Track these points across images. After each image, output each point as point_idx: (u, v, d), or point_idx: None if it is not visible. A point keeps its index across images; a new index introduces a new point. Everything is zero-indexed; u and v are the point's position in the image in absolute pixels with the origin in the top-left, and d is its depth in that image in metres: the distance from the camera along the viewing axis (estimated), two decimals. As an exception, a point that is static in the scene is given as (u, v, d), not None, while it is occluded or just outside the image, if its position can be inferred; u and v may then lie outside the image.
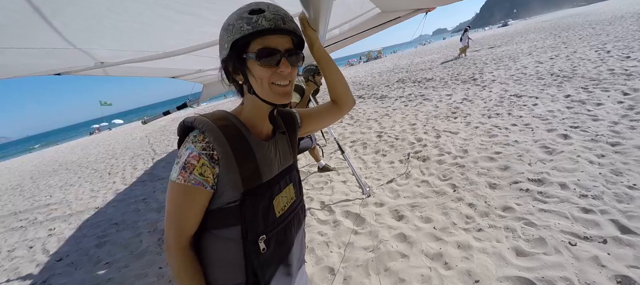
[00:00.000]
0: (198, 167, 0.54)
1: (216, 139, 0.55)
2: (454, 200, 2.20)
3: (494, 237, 1.75)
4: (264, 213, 0.61)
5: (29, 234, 3.66)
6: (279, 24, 0.54)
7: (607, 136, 2.58)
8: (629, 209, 1.69)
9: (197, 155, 0.54)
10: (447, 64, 10.04)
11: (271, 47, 0.54)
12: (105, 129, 29.21)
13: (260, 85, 0.56)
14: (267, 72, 0.55)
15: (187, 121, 0.58)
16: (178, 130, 0.60)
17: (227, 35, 0.54)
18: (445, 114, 4.43)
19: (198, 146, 0.54)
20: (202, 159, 0.54)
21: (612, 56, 5.41)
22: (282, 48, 0.56)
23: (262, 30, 0.52)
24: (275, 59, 0.55)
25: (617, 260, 1.41)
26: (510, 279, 1.44)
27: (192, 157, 0.54)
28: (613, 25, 9.58)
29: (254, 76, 0.56)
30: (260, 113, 0.63)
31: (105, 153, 9.97)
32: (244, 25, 0.52)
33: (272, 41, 0.55)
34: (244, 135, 0.59)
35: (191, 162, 0.54)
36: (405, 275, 1.61)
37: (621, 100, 3.31)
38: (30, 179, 8.14)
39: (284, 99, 0.59)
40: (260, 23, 0.52)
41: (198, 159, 0.54)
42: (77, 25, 1.07)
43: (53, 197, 5.36)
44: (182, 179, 0.54)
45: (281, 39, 0.56)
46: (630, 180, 1.94)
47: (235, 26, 0.53)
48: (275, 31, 0.54)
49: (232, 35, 0.53)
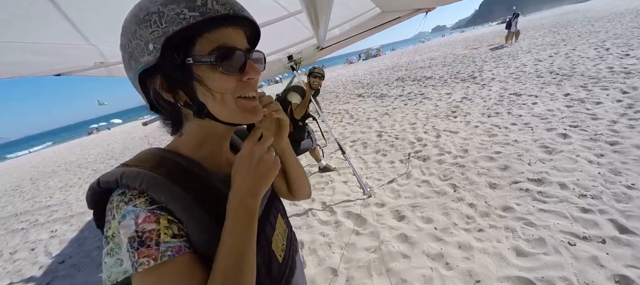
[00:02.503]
0: (162, 228, 0.35)
1: (164, 191, 0.37)
2: (454, 200, 2.21)
3: (494, 237, 1.76)
4: (266, 266, 0.47)
5: (31, 235, 3.67)
6: (237, 10, 0.38)
7: (606, 135, 2.59)
8: (628, 209, 1.71)
9: (148, 215, 0.35)
10: (447, 62, 10.04)
11: (230, 44, 0.38)
12: (103, 129, 29.16)
13: (221, 103, 0.39)
14: (231, 82, 0.39)
15: (104, 181, 0.38)
16: (90, 199, 0.39)
17: (149, 29, 0.35)
18: (445, 113, 4.44)
19: (141, 203, 0.35)
20: (160, 216, 0.36)
21: (611, 54, 5.42)
22: (242, 46, 0.40)
23: (217, 17, 0.36)
24: (239, 62, 0.39)
25: (616, 260, 1.43)
26: (511, 279, 1.45)
27: (145, 221, 0.34)
28: (612, 23, 9.59)
29: (210, 90, 0.38)
30: (217, 140, 0.46)
31: (105, 153, 9.97)
32: (184, 10, 0.34)
33: (229, 36, 0.38)
34: (201, 176, 0.43)
35: (147, 228, 0.34)
36: (407, 275, 1.63)
37: (620, 98, 3.33)
38: (29, 180, 8.13)
39: (256, 116, 0.43)
40: (213, 7, 0.35)
41: (155, 219, 0.35)
42: (94, 17, 1.07)
43: (53, 198, 5.37)
44: (147, 260, 0.33)
45: (237, 33, 0.40)
46: (629, 180, 1.96)
47: (164, 14, 0.34)
48: (234, 20, 0.38)
49: (162, 28, 0.34)
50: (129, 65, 0.39)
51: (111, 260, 0.34)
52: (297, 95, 2.61)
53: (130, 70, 0.39)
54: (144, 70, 0.37)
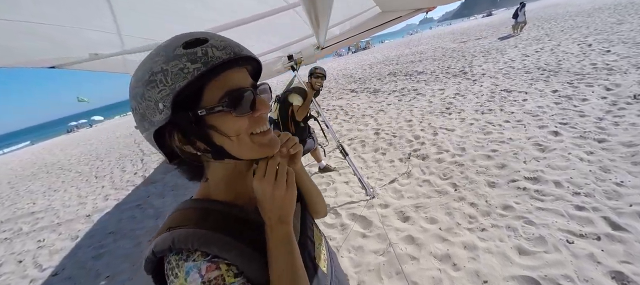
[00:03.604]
0: (224, 272, 0.37)
1: (214, 244, 0.39)
2: (456, 200, 2.28)
3: (497, 236, 1.84)
4: (318, 282, 0.49)
5: (16, 246, 3.48)
6: (237, 52, 0.39)
7: (594, 133, 2.73)
8: (618, 206, 1.82)
9: (209, 265, 0.37)
10: (437, 56, 10.17)
11: (237, 86, 0.39)
12: (84, 126, 27.79)
13: (239, 143, 0.41)
14: (245, 122, 0.40)
15: (159, 251, 0.39)
16: (148, 268, 0.42)
17: (156, 89, 0.36)
18: (439, 109, 4.52)
19: (198, 257, 0.37)
20: (219, 263, 0.38)
21: (593, 50, 5.66)
22: (248, 83, 0.41)
23: (221, 64, 0.37)
24: (249, 101, 0.40)
25: (611, 257, 1.52)
26: (516, 279, 1.52)
27: (208, 270, 0.36)
28: (592, 17, 9.98)
29: (226, 134, 0.40)
30: (240, 175, 0.47)
31: (89, 154, 9.52)
32: (187, 65, 0.35)
33: (234, 79, 0.40)
34: (240, 217, 0.44)
35: (211, 276, 0.36)
36: (417, 277, 1.68)
37: (604, 95, 3.50)
38: (7, 184, 7.67)
39: (273, 149, 0.44)
40: (214, 55, 0.36)
41: (216, 266, 0.37)
42: None
43: (37, 204, 5.10)
44: None
45: (241, 72, 0.41)
46: (617, 177, 2.07)
47: (168, 72, 0.35)
48: (236, 62, 0.39)
49: (169, 85, 0.35)
50: (143, 126, 0.40)
51: None
52: (299, 96, 2.57)
53: (145, 131, 0.41)
54: (159, 127, 0.38)
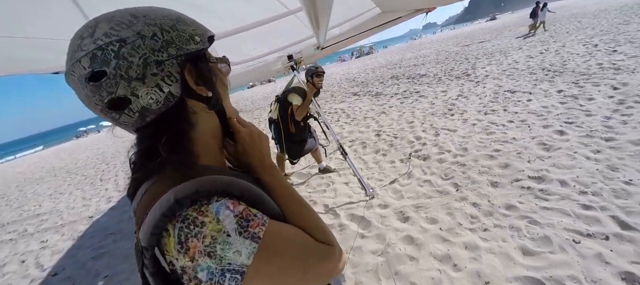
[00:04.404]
0: (248, 208, 0.37)
1: (236, 185, 0.40)
2: (457, 200, 2.22)
3: (499, 236, 1.77)
4: None
5: (20, 247, 3.52)
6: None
7: (601, 131, 2.65)
8: (628, 205, 1.75)
9: (233, 201, 0.37)
10: (440, 59, 10.12)
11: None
12: (92, 132, 28.32)
13: (224, 96, 0.47)
14: (227, 81, 0.51)
15: (182, 194, 0.34)
16: (163, 213, 0.33)
17: (189, 26, 0.41)
18: (441, 110, 4.47)
19: (220, 198, 0.36)
20: (241, 203, 0.38)
21: (599, 50, 5.56)
22: None
23: (212, 36, 0.45)
24: (228, 66, 0.50)
25: (620, 257, 1.45)
26: (520, 279, 1.46)
27: (234, 205, 0.36)
28: (598, 19, 9.84)
29: (223, 83, 0.48)
30: (219, 138, 0.49)
31: (95, 158, 9.68)
32: (196, 29, 0.42)
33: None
34: (233, 172, 0.49)
35: (240, 208, 0.36)
36: (416, 278, 1.62)
37: (611, 94, 3.41)
38: (15, 188, 7.83)
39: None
40: (206, 30, 0.45)
41: (238, 202, 0.37)
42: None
43: (42, 206, 5.17)
44: (260, 228, 0.36)
45: None
46: (626, 176, 2.00)
47: (189, 24, 0.42)
48: (212, 39, 0.46)
49: (201, 28, 0.43)
50: (168, 53, 0.37)
51: (228, 257, 0.33)
52: (298, 96, 2.57)
53: (164, 53, 0.37)
54: (185, 55, 0.39)
